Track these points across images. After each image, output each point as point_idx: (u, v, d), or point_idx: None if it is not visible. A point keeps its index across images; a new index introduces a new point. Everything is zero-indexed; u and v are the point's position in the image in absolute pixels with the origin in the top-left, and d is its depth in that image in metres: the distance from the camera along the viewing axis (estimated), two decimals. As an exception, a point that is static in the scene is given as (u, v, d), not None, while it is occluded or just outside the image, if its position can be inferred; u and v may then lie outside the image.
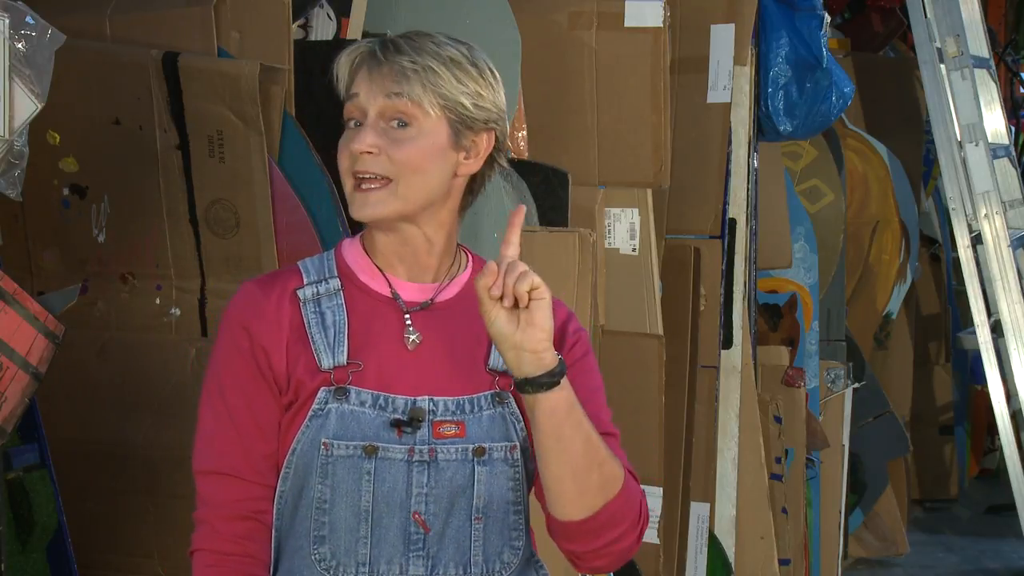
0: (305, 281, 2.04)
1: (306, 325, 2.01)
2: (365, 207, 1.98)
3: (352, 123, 2.01)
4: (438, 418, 2.00)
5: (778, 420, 4.72)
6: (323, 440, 1.97)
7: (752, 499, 4.48)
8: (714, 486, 4.33)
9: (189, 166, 2.96)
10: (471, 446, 1.99)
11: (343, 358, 1.99)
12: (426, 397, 2.00)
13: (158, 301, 3.04)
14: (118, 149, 3.01)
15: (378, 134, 1.97)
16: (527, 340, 1.87)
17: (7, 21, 2.41)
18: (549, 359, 1.89)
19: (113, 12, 3.06)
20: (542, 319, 1.87)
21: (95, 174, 3.05)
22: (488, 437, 2.00)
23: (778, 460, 4.71)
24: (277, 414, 2.01)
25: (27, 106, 2.45)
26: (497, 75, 2.04)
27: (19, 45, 2.43)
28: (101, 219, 3.06)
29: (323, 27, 3.23)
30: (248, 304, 2.03)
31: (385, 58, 1.99)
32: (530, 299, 1.87)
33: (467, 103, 2.00)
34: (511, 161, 3.45)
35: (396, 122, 1.98)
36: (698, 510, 4.21)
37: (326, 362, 1.99)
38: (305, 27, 3.21)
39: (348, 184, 2.00)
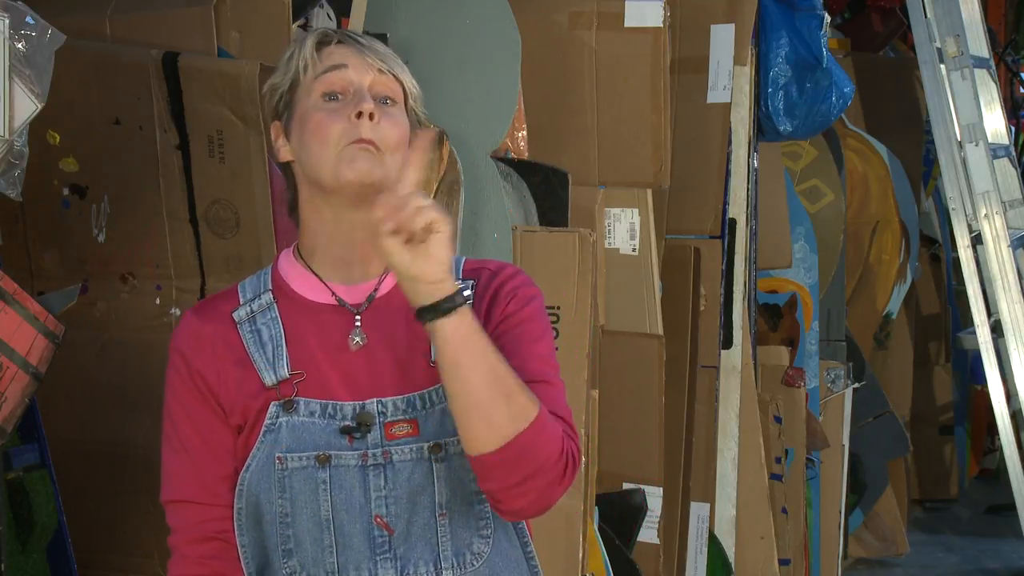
0: (241, 302, 2.04)
1: (245, 346, 2.01)
2: (363, 163, 1.95)
3: (327, 97, 1.98)
4: (389, 419, 1.98)
5: (778, 420, 4.72)
6: (277, 455, 1.97)
7: (752, 499, 4.48)
8: (714, 486, 4.33)
9: (189, 166, 2.96)
10: (426, 444, 1.98)
11: (284, 371, 1.99)
12: (374, 400, 1.98)
13: (158, 301, 3.04)
14: (118, 149, 3.01)
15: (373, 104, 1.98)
16: (423, 272, 1.82)
17: (7, 21, 2.41)
18: (446, 288, 1.84)
19: (113, 12, 3.06)
20: (438, 251, 1.82)
21: (95, 174, 3.05)
22: (443, 432, 1.98)
23: (778, 460, 4.71)
24: (227, 435, 2.01)
25: (27, 106, 2.45)
26: None
27: (19, 45, 2.43)
28: (101, 219, 3.06)
29: (323, 27, 3.23)
30: (185, 332, 2.04)
31: (364, 40, 2.01)
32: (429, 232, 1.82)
33: (419, 101, 2.05)
34: (511, 161, 3.45)
35: (382, 99, 2.00)
36: (698, 510, 4.21)
37: (269, 378, 1.99)
38: (305, 27, 3.21)
39: (333, 151, 1.96)
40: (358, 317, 2.01)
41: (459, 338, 1.85)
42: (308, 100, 2.00)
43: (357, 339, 2.00)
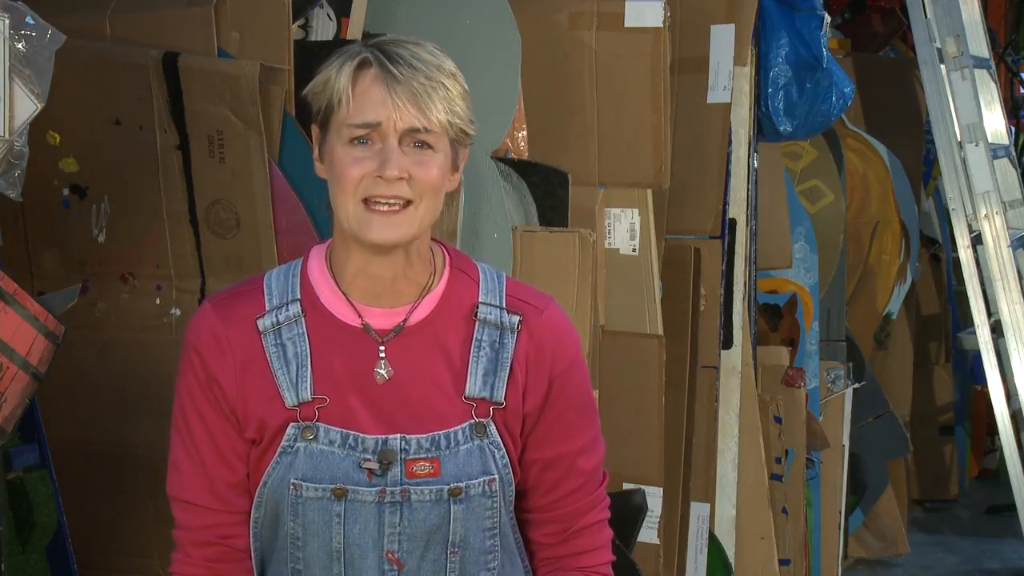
0: (267, 307, 1.97)
1: (267, 358, 1.95)
2: (386, 230, 1.89)
3: (355, 141, 1.90)
4: (411, 456, 1.93)
5: (778, 420, 4.72)
6: (292, 481, 1.93)
7: (752, 499, 4.48)
8: (714, 486, 4.33)
9: (189, 166, 2.96)
10: (446, 487, 1.94)
11: (307, 394, 1.93)
12: (398, 436, 1.94)
13: (158, 301, 3.04)
14: (118, 149, 3.01)
15: (403, 156, 1.89)
16: None
17: (7, 21, 2.41)
18: None
19: (113, 12, 3.06)
20: None
21: (95, 174, 3.05)
22: (464, 475, 1.94)
23: (778, 460, 4.71)
24: (239, 441, 1.97)
25: (27, 106, 2.45)
26: None
27: (19, 45, 2.42)
28: (101, 219, 3.06)
29: (323, 27, 3.23)
30: (203, 330, 1.98)
31: (401, 74, 1.89)
32: None
33: (467, 121, 1.96)
34: (511, 161, 3.45)
35: (416, 143, 1.91)
36: (698, 510, 4.21)
37: (290, 399, 1.93)
38: (305, 27, 3.21)
39: (352, 203, 1.90)
40: (382, 348, 1.95)
41: None
42: (339, 140, 1.91)
43: (383, 372, 1.95)
